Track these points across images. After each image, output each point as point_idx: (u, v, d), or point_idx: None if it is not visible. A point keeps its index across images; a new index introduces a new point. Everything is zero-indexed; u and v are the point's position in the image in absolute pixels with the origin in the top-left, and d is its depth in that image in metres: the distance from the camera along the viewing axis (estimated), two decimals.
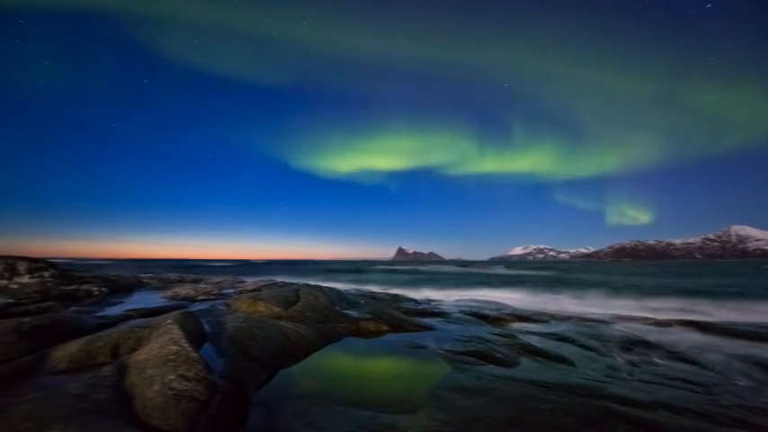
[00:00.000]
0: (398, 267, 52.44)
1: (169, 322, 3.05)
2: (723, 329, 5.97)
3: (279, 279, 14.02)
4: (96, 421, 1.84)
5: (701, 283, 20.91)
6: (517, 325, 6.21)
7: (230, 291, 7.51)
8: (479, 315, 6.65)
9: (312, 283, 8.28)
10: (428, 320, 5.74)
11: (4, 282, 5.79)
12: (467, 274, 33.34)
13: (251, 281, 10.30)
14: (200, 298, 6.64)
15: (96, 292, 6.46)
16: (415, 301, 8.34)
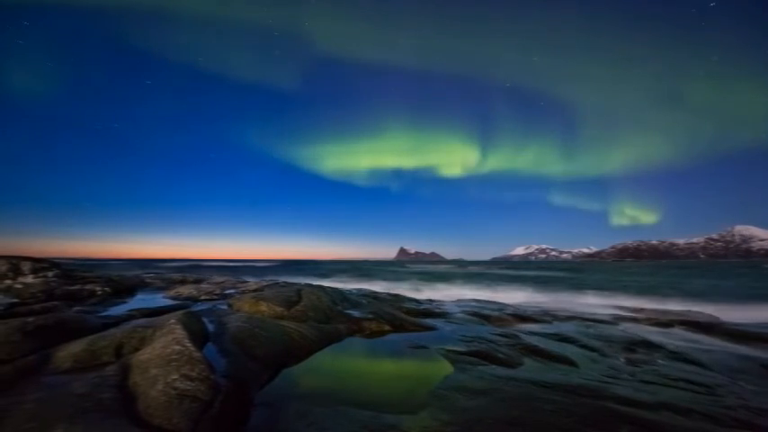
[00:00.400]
0: (400, 267, 52.42)
1: (172, 322, 3.07)
2: (726, 330, 5.95)
3: (281, 279, 14.05)
4: (100, 421, 1.85)
5: (703, 284, 20.81)
6: (519, 325, 6.20)
7: (232, 291, 7.52)
8: (481, 315, 6.64)
9: (314, 283, 8.29)
10: (430, 321, 5.74)
11: (9, 282, 5.82)
12: (468, 274, 33.30)
13: (253, 281, 10.32)
14: (202, 298, 6.66)
15: (99, 292, 6.49)
16: (416, 301, 8.34)
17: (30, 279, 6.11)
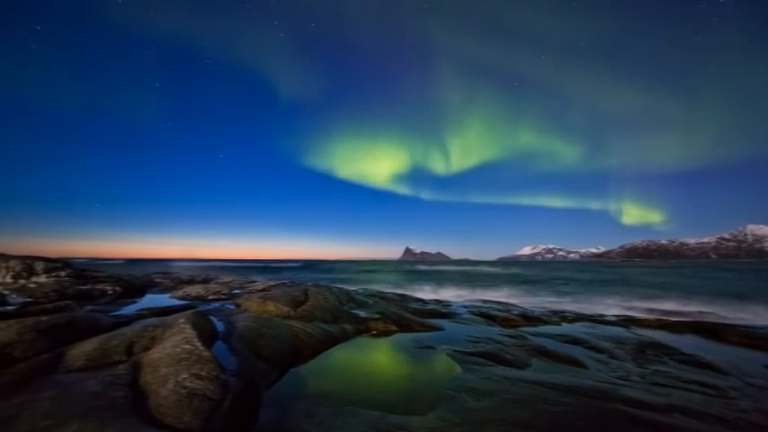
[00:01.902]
0: (406, 267, 52.43)
1: (181, 321, 3.10)
2: (738, 332, 5.83)
3: (288, 279, 14.14)
4: (113, 418, 1.88)
5: (714, 285, 20.45)
6: (526, 326, 6.15)
7: (240, 291, 7.59)
8: (488, 316, 6.60)
9: (320, 282, 8.32)
10: (436, 321, 5.73)
11: (23, 281, 5.95)
12: (474, 274, 33.16)
13: (260, 281, 10.41)
14: (210, 298, 6.73)
15: (110, 292, 6.59)
16: (422, 301, 8.33)
17: (43, 279, 6.24)
